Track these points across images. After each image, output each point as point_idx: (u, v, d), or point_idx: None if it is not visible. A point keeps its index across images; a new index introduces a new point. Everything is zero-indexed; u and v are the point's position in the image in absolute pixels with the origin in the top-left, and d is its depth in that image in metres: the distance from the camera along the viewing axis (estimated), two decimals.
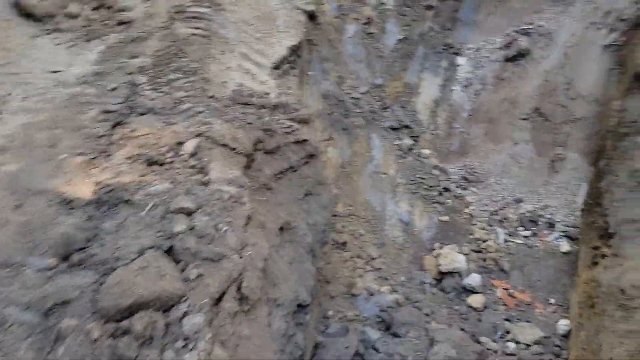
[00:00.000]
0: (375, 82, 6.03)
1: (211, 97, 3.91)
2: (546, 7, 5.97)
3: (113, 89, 4.07)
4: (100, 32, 4.70)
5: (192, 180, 3.19)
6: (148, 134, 3.48)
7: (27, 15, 4.73)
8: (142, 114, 3.69)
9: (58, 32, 4.70)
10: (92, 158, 3.37)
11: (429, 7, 6.21)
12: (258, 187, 3.70)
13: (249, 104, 4.00)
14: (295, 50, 5.01)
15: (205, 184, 3.20)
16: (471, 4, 6.22)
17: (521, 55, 5.87)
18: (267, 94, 4.23)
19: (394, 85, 6.12)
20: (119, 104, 3.84)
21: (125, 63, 4.32)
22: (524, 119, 5.77)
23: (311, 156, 4.25)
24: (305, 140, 4.17)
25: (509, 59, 5.93)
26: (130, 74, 4.19)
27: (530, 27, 5.91)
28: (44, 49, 4.53)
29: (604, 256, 4.38)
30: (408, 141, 5.92)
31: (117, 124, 3.62)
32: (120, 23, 4.79)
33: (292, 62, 4.99)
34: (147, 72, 4.15)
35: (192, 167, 3.33)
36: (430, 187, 5.73)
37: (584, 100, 5.56)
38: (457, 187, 5.78)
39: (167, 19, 4.76)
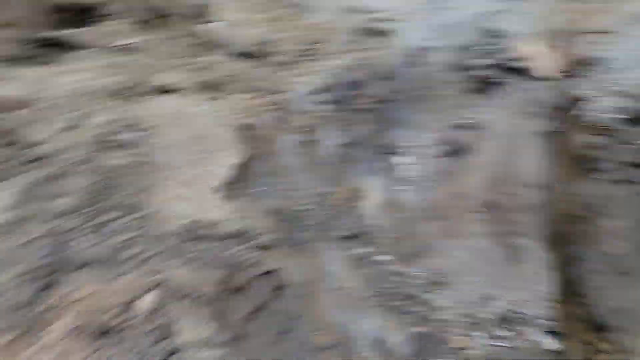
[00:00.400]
0: (320, 191, 5.69)
1: (159, 236, 3.33)
2: (474, 101, 6.11)
3: (35, 240, 3.36)
4: (10, 172, 4.01)
5: (156, 350, 2.54)
6: (91, 294, 2.80)
7: None
8: (78, 269, 3.02)
9: None
10: (19, 336, 2.62)
11: (363, 111, 6.13)
12: (230, 338, 3.09)
13: (203, 238, 3.45)
14: (238, 169, 4.60)
15: (174, 352, 2.55)
16: (402, 104, 6.24)
17: (461, 149, 5.86)
18: (220, 222, 3.72)
19: (340, 192, 5.83)
20: (46, 258, 3.14)
21: (46, 206, 3.64)
22: (476, 212, 5.65)
23: (279, 287, 3.72)
24: (271, 270, 3.65)
25: (450, 154, 5.90)
26: (54, 218, 3.52)
27: (464, 121, 5.98)
28: None
29: (599, 351, 4.12)
30: (364, 249, 5.53)
31: (48, 286, 2.91)
32: (34, 160, 4.14)
33: (236, 182, 4.55)
34: (76, 214, 3.50)
35: (154, 330, 2.68)
36: (396, 296, 5.31)
37: (531, 187, 5.56)
38: (424, 292, 5.40)
39: (90, 150, 4.19)
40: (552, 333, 4.95)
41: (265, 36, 7.02)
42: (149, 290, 2.84)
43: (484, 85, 6.05)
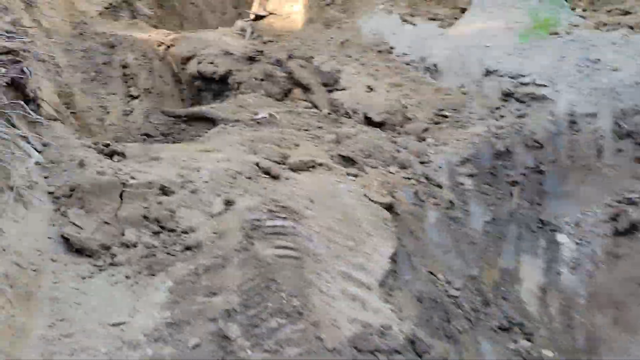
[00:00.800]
0: (470, 273, 5.18)
1: (329, 349, 3.00)
2: None
3: (196, 347, 3.16)
4: (165, 262, 3.91)
5: None
6: None
7: (78, 251, 3.97)
8: None
9: (114, 267, 3.90)
10: None
11: (513, 183, 5.60)
12: None
13: (375, 351, 3.08)
14: (393, 256, 4.23)
15: None
16: (557, 175, 5.63)
17: (635, 228, 5.12)
18: (389, 328, 3.33)
19: (491, 273, 5.27)
20: None
21: (204, 304, 3.45)
22: None
23: None
24: None
25: (620, 233, 5.17)
26: (214, 320, 3.31)
27: (636, 195, 5.24)
28: (99, 292, 3.69)
29: None
30: (523, 342, 4.90)
31: None
32: (187, 248, 4.02)
33: (392, 271, 4.17)
34: (237, 316, 3.27)
35: None
36: None
37: None
38: None
39: (242, 238, 4.00)
40: None
41: (399, 103, 6.76)
42: None
43: None
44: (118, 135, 8.71)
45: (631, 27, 6.02)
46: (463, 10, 8.33)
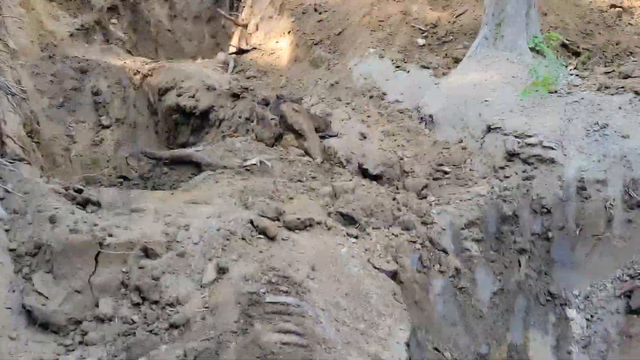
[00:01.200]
0: (478, 350, 4.77)
1: None
2: None
3: None
4: (146, 343, 3.34)
5: None
6: None
7: (42, 325, 3.35)
8: None
9: (85, 347, 3.30)
10: None
11: (521, 251, 5.26)
12: None
13: None
14: (408, 343, 3.76)
15: None
16: (565, 243, 5.33)
17: None
18: None
19: (500, 351, 4.87)
20: None
21: None
22: None
23: None
24: None
25: (633, 311, 4.88)
26: None
27: None
28: None
29: None
30: None
31: None
32: (173, 326, 3.45)
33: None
34: None
35: None
36: None
37: None
38: None
39: (239, 316, 3.47)
40: None
41: (395, 154, 6.38)
42: None
43: None
44: (85, 167, 8.03)
45: (637, 92, 5.87)
46: (457, 61, 8.12)
